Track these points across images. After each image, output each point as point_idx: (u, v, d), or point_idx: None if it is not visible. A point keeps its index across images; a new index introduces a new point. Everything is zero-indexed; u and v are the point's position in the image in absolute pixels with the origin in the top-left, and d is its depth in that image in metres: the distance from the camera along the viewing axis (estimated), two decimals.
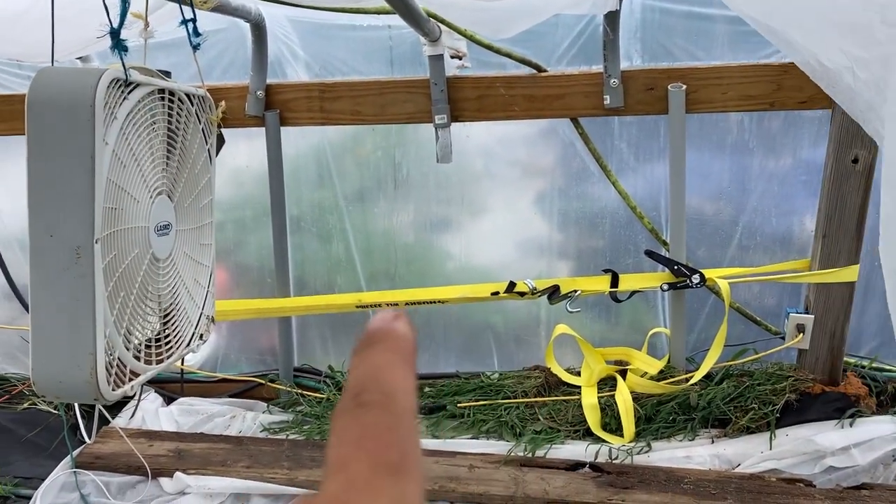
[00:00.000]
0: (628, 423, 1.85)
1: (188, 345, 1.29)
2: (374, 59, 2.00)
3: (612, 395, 1.92)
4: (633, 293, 1.93)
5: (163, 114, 1.17)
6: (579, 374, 2.03)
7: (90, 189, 0.96)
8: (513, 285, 1.92)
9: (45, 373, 0.99)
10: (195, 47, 1.27)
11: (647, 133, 1.97)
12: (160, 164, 1.17)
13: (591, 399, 1.92)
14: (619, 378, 1.95)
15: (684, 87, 1.80)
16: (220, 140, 1.40)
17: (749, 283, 1.98)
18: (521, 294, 1.92)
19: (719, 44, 1.87)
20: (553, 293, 1.91)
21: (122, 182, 1.03)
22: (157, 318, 1.20)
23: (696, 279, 1.86)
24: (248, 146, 2.10)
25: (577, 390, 1.98)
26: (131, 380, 1.08)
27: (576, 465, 1.78)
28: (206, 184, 1.34)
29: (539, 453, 1.82)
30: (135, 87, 1.06)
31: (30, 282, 0.98)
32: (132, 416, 2.08)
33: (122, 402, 2.13)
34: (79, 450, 1.91)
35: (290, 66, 2.03)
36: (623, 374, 1.96)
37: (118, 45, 1.06)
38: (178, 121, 1.22)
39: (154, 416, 2.09)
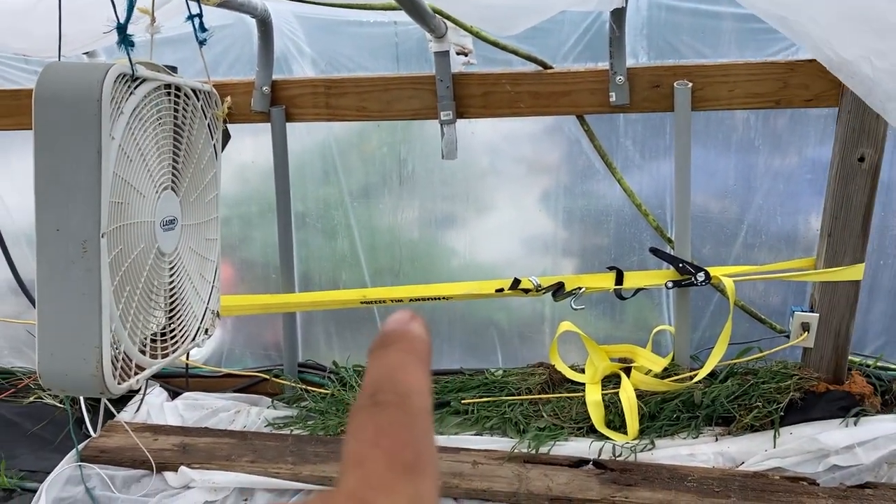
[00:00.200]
0: (632, 421, 1.85)
1: (193, 339, 1.29)
2: (379, 56, 2.00)
3: (616, 393, 1.92)
4: (638, 291, 1.93)
5: (169, 109, 1.17)
6: (583, 371, 2.03)
7: (96, 183, 0.96)
8: (517, 282, 1.92)
9: (51, 366, 1.00)
10: (201, 43, 1.27)
11: (653, 130, 1.96)
12: (166, 160, 1.17)
13: (594, 396, 1.92)
14: (624, 375, 1.95)
15: (690, 84, 1.79)
16: (226, 136, 1.41)
17: (754, 281, 1.98)
18: (526, 291, 1.92)
19: (726, 41, 1.87)
20: (557, 290, 1.91)
21: (128, 177, 1.04)
22: (163, 313, 1.20)
23: (701, 277, 1.86)
24: (254, 142, 2.11)
25: (581, 387, 1.98)
26: (137, 374, 1.09)
27: (579, 462, 1.79)
28: (211, 179, 1.34)
29: (543, 450, 1.83)
30: (141, 83, 1.06)
31: (36, 276, 0.99)
32: (137, 410, 2.09)
33: (128, 396, 2.14)
34: (84, 443, 1.92)
35: (296, 62, 2.03)
36: (627, 371, 1.96)
37: (125, 41, 1.06)
38: (183, 116, 1.22)
39: (159, 410, 2.10)
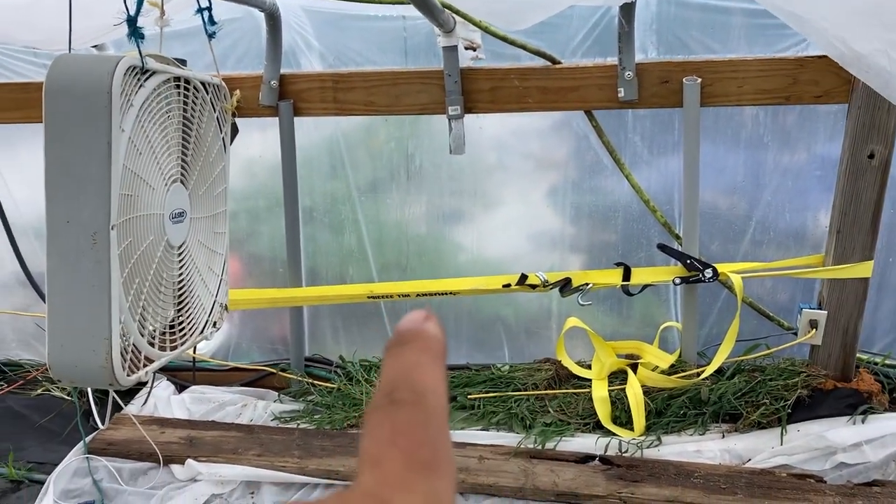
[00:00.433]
0: (639, 417, 1.85)
1: (202, 332, 1.30)
2: (388, 50, 2.00)
3: (623, 389, 1.92)
4: (645, 287, 1.93)
5: (178, 102, 1.18)
6: (590, 367, 2.03)
7: (106, 176, 0.96)
8: (524, 277, 1.91)
9: (61, 357, 1.00)
10: (210, 36, 1.27)
11: (662, 126, 1.96)
12: (175, 152, 1.18)
13: (601, 392, 1.92)
14: (630, 372, 1.94)
15: (699, 80, 1.79)
16: (234, 129, 1.41)
17: (762, 277, 1.97)
18: (533, 286, 1.92)
19: (735, 37, 1.86)
20: (565, 286, 1.90)
21: (137, 169, 1.04)
22: (172, 305, 1.21)
23: (709, 273, 1.85)
24: (262, 136, 2.11)
25: (587, 383, 1.98)
26: (145, 366, 1.09)
27: (586, 458, 1.79)
28: (220, 172, 1.34)
29: (549, 446, 1.83)
30: (151, 75, 1.06)
31: (46, 268, 0.99)
32: (144, 403, 2.10)
33: (135, 389, 2.15)
34: (91, 436, 1.93)
35: (305, 56, 2.03)
36: (634, 367, 1.96)
37: (135, 33, 1.06)
38: (193, 109, 1.22)
39: (166, 403, 2.11)
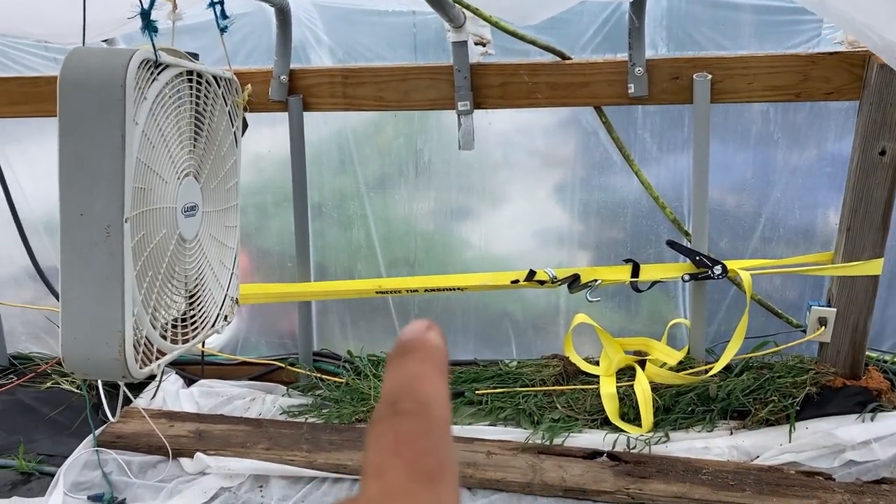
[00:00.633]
0: (647, 413, 1.85)
1: (213, 325, 1.30)
2: (397, 45, 2.00)
3: (631, 385, 1.92)
4: (654, 283, 1.93)
5: (190, 95, 1.18)
6: (598, 363, 2.03)
7: (120, 169, 0.97)
8: (533, 273, 1.91)
9: (74, 350, 1.01)
10: (223, 30, 1.28)
11: (671, 123, 1.95)
12: (187, 146, 1.18)
13: (609, 388, 1.92)
14: (638, 368, 1.94)
15: (710, 76, 1.78)
16: (244, 124, 1.41)
17: (771, 275, 1.97)
18: (541, 283, 1.92)
19: (745, 33, 1.85)
20: (573, 282, 1.90)
21: (150, 162, 1.04)
22: (183, 298, 1.21)
23: (718, 270, 1.85)
24: (271, 132, 2.11)
25: (595, 380, 1.98)
26: (158, 358, 1.10)
27: (593, 454, 1.79)
28: (231, 166, 1.35)
29: (557, 441, 1.83)
30: (164, 69, 1.07)
31: (60, 260, 0.99)
32: (153, 396, 2.11)
33: (144, 382, 2.16)
34: (101, 429, 1.94)
35: (314, 51, 2.03)
36: (642, 364, 1.96)
37: (148, 27, 1.07)
38: (205, 103, 1.22)
39: (175, 397, 2.12)
